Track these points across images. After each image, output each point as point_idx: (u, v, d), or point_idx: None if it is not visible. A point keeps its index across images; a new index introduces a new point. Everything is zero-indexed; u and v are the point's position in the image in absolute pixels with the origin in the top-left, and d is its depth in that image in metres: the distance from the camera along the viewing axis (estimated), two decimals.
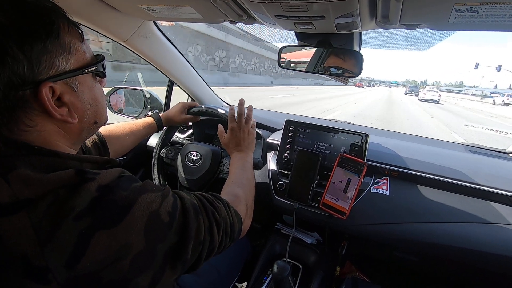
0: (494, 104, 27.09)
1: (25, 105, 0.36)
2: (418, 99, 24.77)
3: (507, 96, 27.08)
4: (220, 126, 0.85)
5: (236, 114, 0.83)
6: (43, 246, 0.31)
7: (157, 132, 1.01)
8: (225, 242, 0.52)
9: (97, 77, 0.47)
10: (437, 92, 25.55)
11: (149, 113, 1.00)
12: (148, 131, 0.96)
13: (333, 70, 0.83)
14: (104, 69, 0.47)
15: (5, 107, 0.35)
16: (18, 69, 0.34)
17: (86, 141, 0.74)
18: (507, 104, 25.26)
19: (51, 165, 0.37)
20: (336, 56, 0.82)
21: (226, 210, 0.54)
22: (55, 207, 0.33)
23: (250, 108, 0.86)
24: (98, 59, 0.46)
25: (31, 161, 0.36)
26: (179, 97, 1.36)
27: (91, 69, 0.43)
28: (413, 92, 36.11)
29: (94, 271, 0.33)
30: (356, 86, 50.43)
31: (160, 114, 1.00)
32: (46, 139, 0.39)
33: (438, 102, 22.62)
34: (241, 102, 0.84)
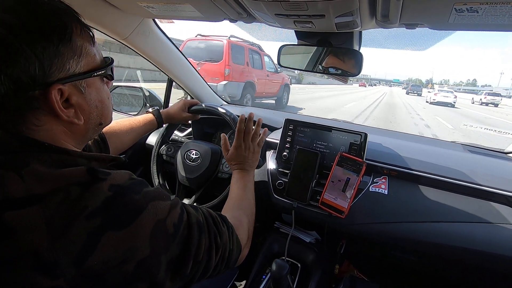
0: (473, 103, 23.42)
1: (34, 105, 0.37)
2: (426, 101, 19.69)
3: (485, 94, 23.46)
4: (224, 137, 0.80)
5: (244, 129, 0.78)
6: (54, 241, 0.32)
7: (157, 129, 1.01)
8: (219, 268, 0.51)
9: (104, 78, 0.47)
10: (452, 92, 19.98)
11: (150, 109, 0.99)
12: (148, 128, 0.95)
13: (332, 70, 0.83)
14: (112, 71, 0.48)
15: (14, 106, 0.36)
16: (30, 70, 0.35)
17: None
18: (485, 103, 22.02)
19: (61, 162, 0.38)
20: (335, 55, 0.82)
21: (229, 236, 0.53)
22: (67, 204, 0.33)
23: (259, 123, 0.82)
24: (107, 61, 0.46)
25: (42, 158, 0.36)
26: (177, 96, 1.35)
27: (100, 72, 0.44)
28: (415, 92, 33.60)
29: (100, 271, 0.33)
30: (360, 86, 50.39)
31: (160, 111, 0.99)
32: (52, 138, 0.40)
33: (453, 106, 17.92)
34: (251, 117, 0.80)
